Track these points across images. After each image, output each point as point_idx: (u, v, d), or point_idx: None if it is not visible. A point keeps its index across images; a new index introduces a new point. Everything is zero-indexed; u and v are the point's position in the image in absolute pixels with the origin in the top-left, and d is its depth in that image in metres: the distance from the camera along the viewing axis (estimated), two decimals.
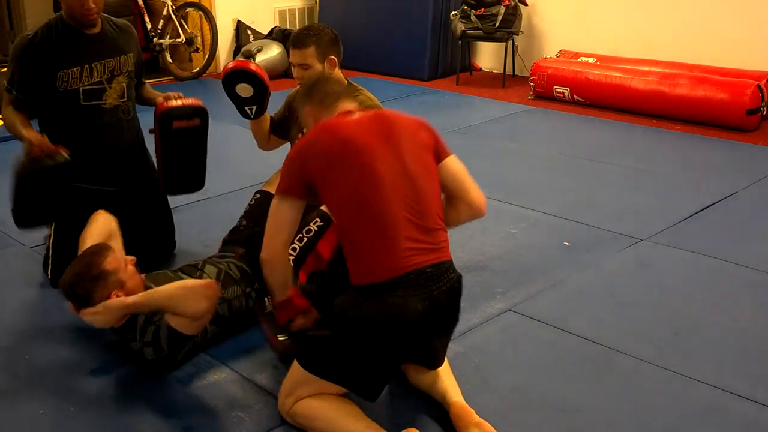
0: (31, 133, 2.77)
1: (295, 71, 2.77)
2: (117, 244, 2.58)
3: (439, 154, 2.17)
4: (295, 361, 2.05)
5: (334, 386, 2.01)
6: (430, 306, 1.93)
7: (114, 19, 3.01)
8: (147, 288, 2.39)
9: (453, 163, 2.22)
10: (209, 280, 2.29)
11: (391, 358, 2.01)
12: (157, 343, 2.28)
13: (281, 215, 2.07)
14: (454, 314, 2.07)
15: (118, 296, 2.29)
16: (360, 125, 2.08)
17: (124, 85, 2.94)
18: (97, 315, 2.26)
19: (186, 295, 2.24)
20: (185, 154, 2.96)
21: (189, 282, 2.32)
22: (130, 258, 2.44)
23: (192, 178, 3.05)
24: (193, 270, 2.55)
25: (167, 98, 2.94)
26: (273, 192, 2.81)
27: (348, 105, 2.23)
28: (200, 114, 2.92)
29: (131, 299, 2.26)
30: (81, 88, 2.83)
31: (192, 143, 2.95)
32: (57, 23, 2.85)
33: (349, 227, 2.01)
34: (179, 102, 2.91)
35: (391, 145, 2.05)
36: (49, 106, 2.87)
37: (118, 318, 2.29)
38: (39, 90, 2.84)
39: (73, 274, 2.32)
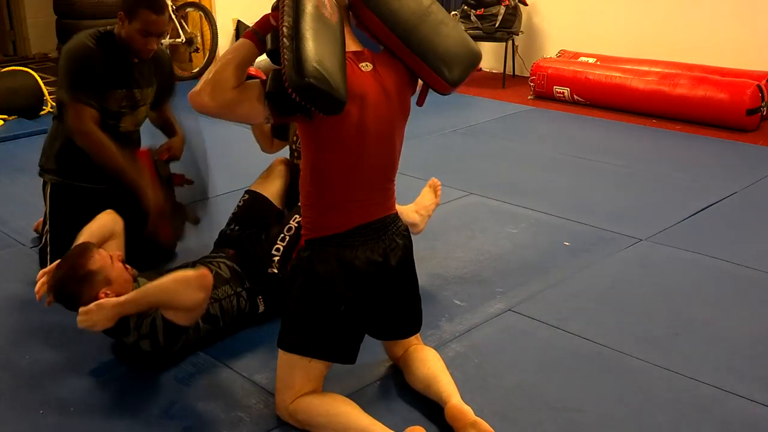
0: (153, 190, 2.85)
1: None
2: (116, 243, 2.58)
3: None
4: (280, 354, 2.10)
5: (317, 366, 2.06)
6: (383, 252, 2.05)
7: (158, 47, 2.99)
8: (137, 284, 2.39)
9: None
10: (202, 269, 2.26)
11: (356, 314, 2.06)
12: (154, 335, 2.28)
13: (235, 97, 1.90)
14: (408, 256, 2.14)
15: (106, 294, 2.27)
16: (371, 79, 2.00)
17: (141, 116, 3.00)
18: (90, 315, 2.21)
19: (180, 287, 2.21)
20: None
21: (181, 273, 2.26)
22: (117, 254, 2.43)
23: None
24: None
25: (167, 151, 3.04)
26: (262, 192, 2.84)
27: (353, 43, 2.05)
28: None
29: (124, 298, 2.23)
30: (111, 109, 2.86)
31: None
32: (111, 39, 2.83)
33: (320, 183, 2.02)
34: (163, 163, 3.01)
35: (388, 102, 2.02)
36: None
37: (112, 318, 2.23)
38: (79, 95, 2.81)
39: (59, 278, 2.31)
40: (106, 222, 2.61)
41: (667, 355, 2.44)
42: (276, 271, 2.53)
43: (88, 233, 2.52)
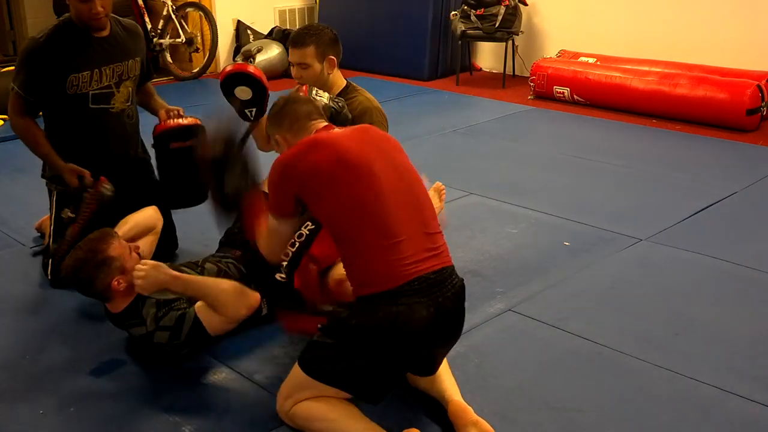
0: (69, 164, 2.82)
1: (294, 71, 2.76)
2: (151, 240, 2.59)
3: None
4: (296, 365, 2.04)
5: (334, 390, 2.00)
6: (435, 313, 1.92)
7: (122, 19, 3.00)
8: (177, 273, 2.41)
9: None
10: (257, 293, 2.33)
11: (396, 367, 2.01)
12: (178, 329, 2.29)
13: (283, 232, 2.15)
14: (459, 320, 2.06)
15: (119, 283, 2.29)
16: (351, 138, 2.08)
17: (131, 89, 2.95)
18: (147, 269, 2.22)
19: (233, 295, 2.28)
20: (184, 171, 2.96)
21: (239, 284, 2.33)
22: (135, 245, 2.45)
23: (192, 193, 3.05)
24: (194, 267, 2.55)
25: (168, 113, 2.95)
26: (265, 191, 2.83)
27: (321, 123, 2.22)
28: (195, 134, 2.91)
29: (179, 274, 2.28)
30: (90, 92, 2.84)
31: (190, 162, 2.96)
32: (65, 25, 2.84)
33: (350, 238, 1.98)
34: (177, 121, 2.93)
35: (383, 155, 2.06)
36: (56, 109, 2.87)
37: (160, 283, 2.24)
38: (48, 93, 2.83)
39: (77, 259, 2.33)
40: (150, 216, 2.65)
41: (667, 355, 2.44)
42: (283, 276, 2.50)
43: (132, 222, 2.55)
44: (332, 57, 2.75)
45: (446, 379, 2.14)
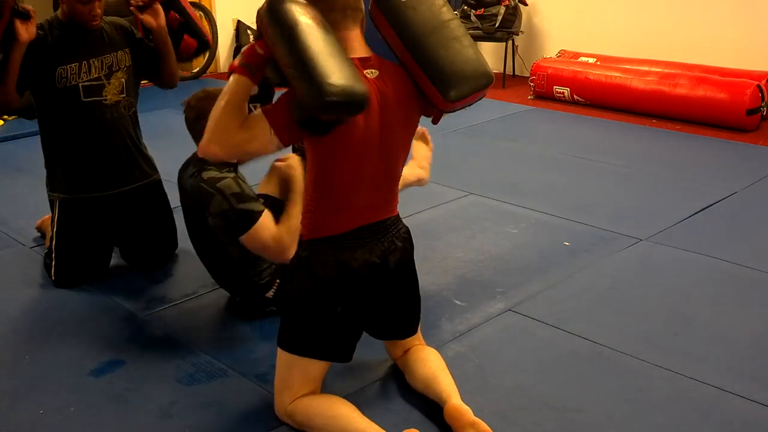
0: None
1: None
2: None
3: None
4: (278, 353, 2.10)
5: (315, 366, 2.07)
6: (381, 254, 2.04)
7: (106, 17, 3.01)
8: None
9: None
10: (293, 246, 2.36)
11: (353, 315, 2.06)
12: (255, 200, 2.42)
13: (245, 136, 1.90)
14: (407, 267, 2.14)
15: None
16: (375, 86, 1.95)
17: (123, 80, 2.94)
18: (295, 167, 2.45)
19: (274, 230, 2.38)
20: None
21: (290, 232, 2.38)
22: None
23: None
24: None
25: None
26: (267, 193, 2.83)
27: (361, 49, 1.99)
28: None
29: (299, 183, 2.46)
30: (81, 84, 2.84)
31: None
32: (54, 21, 2.87)
33: (322, 189, 2.01)
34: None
35: (391, 110, 2.00)
36: (50, 105, 2.88)
37: (296, 176, 2.50)
38: (38, 87, 2.84)
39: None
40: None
41: (667, 355, 2.44)
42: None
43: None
44: None
45: (444, 379, 2.14)
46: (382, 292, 2.11)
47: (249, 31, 7.03)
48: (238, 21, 7.07)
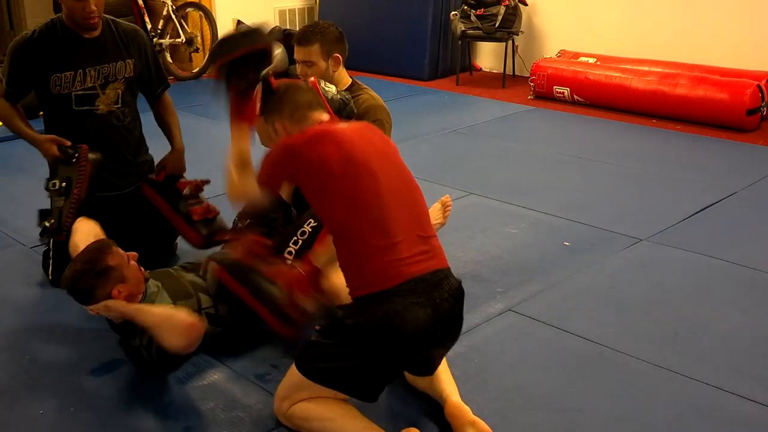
0: (46, 135, 2.82)
1: (299, 68, 2.76)
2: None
3: None
4: (293, 366, 2.03)
5: (329, 391, 1.99)
6: (432, 314, 1.91)
7: (123, 23, 2.98)
8: (147, 283, 2.41)
9: None
10: (195, 319, 2.20)
11: (393, 367, 2.01)
12: (149, 349, 2.26)
13: (254, 191, 2.13)
14: (457, 322, 2.04)
15: (120, 292, 2.29)
16: (358, 135, 2.06)
17: (120, 91, 2.91)
18: (96, 311, 2.29)
19: (169, 328, 2.18)
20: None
21: (176, 315, 2.23)
22: (132, 254, 2.43)
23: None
24: (196, 267, 2.54)
25: (193, 190, 3.02)
26: (282, 197, 2.82)
27: (323, 114, 2.20)
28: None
29: (129, 308, 2.27)
30: (73, 93, 2.82)
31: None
32: (57, 24, 2.84)
33: (349, 236, 1.97)
34: (198, 209, 2.96)
35: (385, 156, 2.06)
36: (47, 108, 2.89)
37: (118, 318, 2.30)
38: (36, 91, 2.85)
39: (75, 270, 2.32)
40: (91, 229, 2.60)
41: (667, 355, 2.44)
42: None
43: (82, 243, 2.48)
44: (337, 55, 2.75)
45: (444, 378, 2.14)
46: (431, 347, 2.02)
47: None
48: (238, 21, 7.06)
